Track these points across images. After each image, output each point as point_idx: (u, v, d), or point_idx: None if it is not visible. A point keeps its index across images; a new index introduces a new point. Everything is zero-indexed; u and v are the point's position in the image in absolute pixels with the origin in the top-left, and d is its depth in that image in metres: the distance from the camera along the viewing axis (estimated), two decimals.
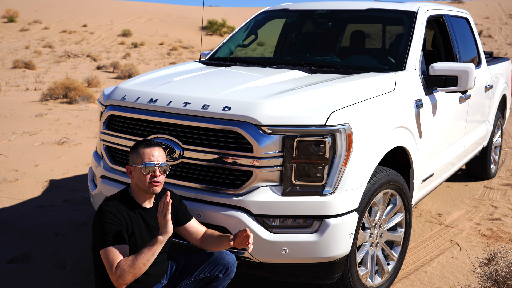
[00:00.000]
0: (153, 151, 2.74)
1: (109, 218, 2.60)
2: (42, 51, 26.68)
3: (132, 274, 2.53)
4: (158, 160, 2.74)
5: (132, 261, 2.53)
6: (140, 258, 2.55)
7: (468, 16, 5.57)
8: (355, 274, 3.18)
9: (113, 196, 2.79)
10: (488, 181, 6.30)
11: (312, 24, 5.26)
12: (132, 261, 2.54)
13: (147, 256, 2.56)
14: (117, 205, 2.69)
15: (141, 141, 2.85)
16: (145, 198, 2.78)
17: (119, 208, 2.67)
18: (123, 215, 2.66)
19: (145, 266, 2.56)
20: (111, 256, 2.54)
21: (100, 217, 2.62)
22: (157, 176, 2.71)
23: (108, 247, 2.56)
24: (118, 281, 2.52)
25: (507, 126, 9.88)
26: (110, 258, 2.54)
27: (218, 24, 44.80)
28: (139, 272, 2.55)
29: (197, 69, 4.14)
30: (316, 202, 2.86)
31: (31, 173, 5.98)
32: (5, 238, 4.25)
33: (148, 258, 2.56)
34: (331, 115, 2.88)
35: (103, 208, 2.65)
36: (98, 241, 2.60)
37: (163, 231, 2.59)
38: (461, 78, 3.79)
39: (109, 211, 2.63)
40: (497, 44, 39.03)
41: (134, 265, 2.53)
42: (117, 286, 2.55)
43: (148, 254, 2.56)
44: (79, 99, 10.87)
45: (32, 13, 44.07)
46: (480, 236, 4.59)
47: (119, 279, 2.52)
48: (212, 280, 2.86)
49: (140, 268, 2.54)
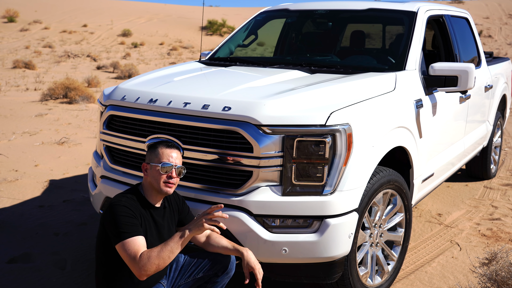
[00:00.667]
0: (172, 152, 2.77)
1: (124, 211, 2.59)
2: (42, 51, 26.68)
3: (156, 266, 2.53)
4: (176, 162, 2.76)
5: (158, 252, 2.54)
6: (166, 249, 2.56)
7: (468, 16, 5.57)
8: (355, 274, 3.18)
9: (124, 193, 2.79)
10: (488, 181, 6.30)
11: (312, 24, 5.26)
12: (158, 251, 2.54)
13: (173, 248, 2.57)
14: (130, 200, 2.69)
15: (161, 140, 2.88)
16: (156, 198, 2.78)
17: (131, 203, 2.67)
18: (137, 209, 2.67)
19: (169, 258, 2.57)
20: (132, 247, 2.53)
21: (114, 212, 2.60)
22: (173, 177, 2.73)
23: (126, 239, 2.54)
24: (141, 271, 2.52)
25: (507, 126, 9.88)
26: (131, 249, 2.53)
27: (218, 24, 44.81)
28: (163, 264, 2.55)
29: (197, 69, 4.14)
30: (316, 202, 2.86)
31: (31, 173, 5.98)
32: (5, 238, 4.25)
33: (174, 250, 2.58)
34: (331, 115, 2.88)
35: (116, 203, 2.64)
36: (114, 236, 2.57)
37: (193, 227, 2.62)
38: (461, 78, 3.79)
39: (122, 205, 2.62)
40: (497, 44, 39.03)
41: (160, 255, 2.53)
42: (139, 277, 2.54)
43: (175, 246, 2.58)
44: (79, 99, 10.87)
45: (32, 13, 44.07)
46: (480, 236, 4.59)
47: (141, 270, 2.51)
48: (211, 279, 2.87)
49: (165, 259, 2.55)
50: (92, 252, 3.80)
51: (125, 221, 2.57)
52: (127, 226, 2.56)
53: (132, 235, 2.55)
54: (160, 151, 2.75)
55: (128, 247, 2.53)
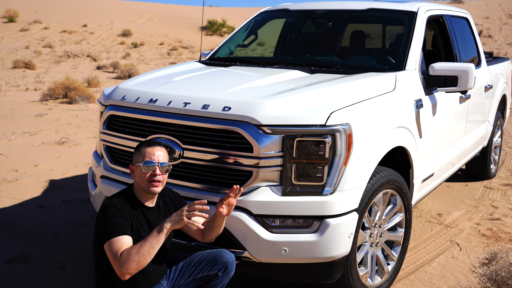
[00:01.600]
0: (154, 150, 2.75)
1: (113, 211, 2.61)
2: (42, 51, 26.68)
3: (136, 263, 2.50)
4: (159, 159, 2.74)
5: (138, 248, 2.52)
6: (145, 245, 2.53)
7: (468, 16, 5.57)
8: (355, 274, 3.18)
9: (117, 194, 2.80)
10: (488, 181, 6.30)
11: (312, 24, 5.26)
12: (138, 248, 2.52)
13: (152, 243, 2.54)
14: (121, 201, 2.70)
15: (144, 140, 2.86)
16: (147, 197, 2.78)
17: (122, 204, 2.68)
18: (127, 210, 2.67)
19: (149, 254, 2.53)
20: (116, 246, 2.53)
21: (104, 212, 2.62)
22: (157, 175, 2.71)
23: (112, 238, 2.54)
24: (122, 269, 2.49)
25: (507, 126, 9.88)
26: (114, 248, 2.52)
27: (218, 24, 44.80)
28: (143, 260, 2.52)
29: (197, 69, 4.14)
30: (316, 202, 2.86)
31: (31, 173, 5.98)
32: (5, 238, 4.25)
33: (153, 245, 2.54)
34: (331, 115, 2.88)
35: (106, 204, 2.67)
36: (103, 235, 2.59)
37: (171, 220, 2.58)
38: (461, 78, 3.79)
39: (112, 205, 2.64)
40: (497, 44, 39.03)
41: (140, 251, 2.51)
42: (121, 276, 2.52)
43: (154, 241, 2.54)
44: (79, 99, 10.87)
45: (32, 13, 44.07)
46: (480, 236, 4.59)
47: (122, 268, 2.49)
48: (211, 279, 2.86)
49: (145, 255, 2.52)
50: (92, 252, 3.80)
51: (113, 221, 2.58)
52: (114, 226, 2.57)
53: (118, 235, 2.55)
54: (142, 151, 2.75)
55: (112, 246, 2.53)
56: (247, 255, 2.93)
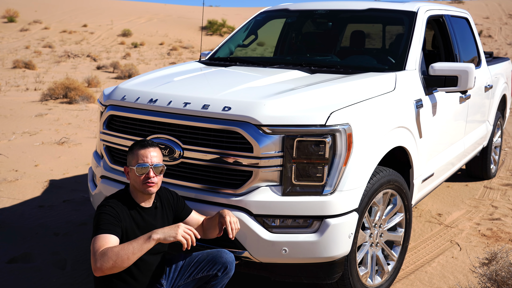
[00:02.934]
0: (147, 152, 2.72)
1: (107, 210, 2.61)
2: (42, 51, 26.68)
3: (112, 262, 2.42)
4: (152, 161, 2.72)
5: (118, 249, 2.45)
6: (127, 248, 2.45)
7: (468, 16, 5.57)
8: (355, 274, 3.18)
9: (114, 195, 2.80)
10: (488, 181, 6.30)
11: (312, 24, 5.26)
12: (119, 249, 2.45)
13: (135, 249, 2.46)
14: (117, 202, 2.70)
15: (137, 142, 2.83)
16: (143, 198, 2.78)
17: (118, 205, 2.68)
18: (122, 211, 2.67)
19: (128, 259, 2.44)
20: (100, 242, 2.48)
21: (99, 210, 2.63)
22: (151, 177, 2.70)
23: (99, 234, 2.51)
24: (96, 264, 2.42)
25: (507, 126, 9.88)
26: (98, 244, 2.48)
27: (218, 24, 44.80)
28: (120, 263, 2.43)
29: (197, 69, 4.14)
30: (316, 202, 2.86)
31: (31, 173, 5.98)
32: (5, 238, 4.25)
33: (135, 252, 2.46)
34: (331, 115, 2.88)
35: (102, 203, 2.68)
36: (92, 231, 2.59)
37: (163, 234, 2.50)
38: (461, 78, 3.79)
39: (108, 205, 2.65)
40: (497, 44, 39.03)
41: (119, 253, 2.43)
42: (94, 271, 2.45)
43: (137, 248, 2.46)
44: (79, 99, 10.87)
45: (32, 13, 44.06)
46: (480, 236, 4.59)
47: (97, 263, 2.42)
48: (211, 279, 2.86)
49: (123, 259, 2.43)
50: None
51: (104, 218, 2.57)
52: (104, 224, 2.55)
53: (105, 232, 2.52)
54: (135, 153, 2.73)
55: (96, 241, 2.49)
56: (247, 255, 2.94)
